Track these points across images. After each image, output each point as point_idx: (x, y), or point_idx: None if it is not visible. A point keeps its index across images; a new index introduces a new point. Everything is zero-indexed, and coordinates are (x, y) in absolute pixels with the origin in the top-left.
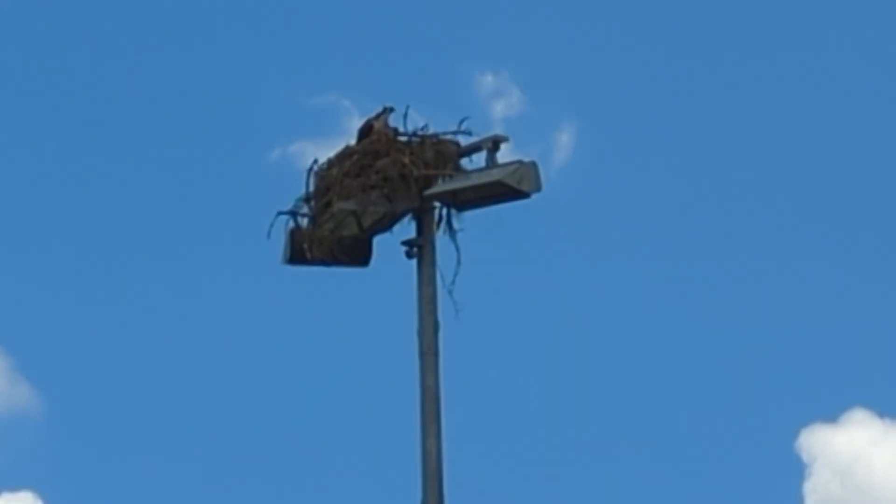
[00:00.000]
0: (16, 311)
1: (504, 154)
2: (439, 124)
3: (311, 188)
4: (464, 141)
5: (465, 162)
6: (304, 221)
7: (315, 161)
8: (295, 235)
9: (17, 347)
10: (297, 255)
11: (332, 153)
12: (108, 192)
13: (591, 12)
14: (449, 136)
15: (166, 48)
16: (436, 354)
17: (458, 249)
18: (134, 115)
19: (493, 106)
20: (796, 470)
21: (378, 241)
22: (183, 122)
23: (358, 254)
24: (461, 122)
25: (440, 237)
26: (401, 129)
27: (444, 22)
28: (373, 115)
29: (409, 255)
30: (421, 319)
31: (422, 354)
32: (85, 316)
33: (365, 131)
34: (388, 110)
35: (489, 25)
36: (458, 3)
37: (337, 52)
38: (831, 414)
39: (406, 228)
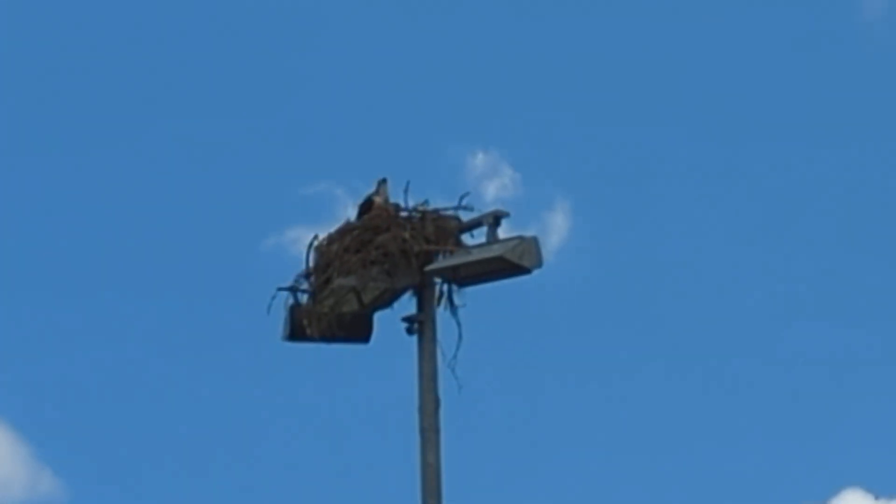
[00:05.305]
0: (39, 400)
1: (500, 232)
2: (433, 205)
3: (311, 264)
4: (464, 216)
5: (465, 237)
6: (304, 298)
7: (315, 236)
8: (295, 312)
9: (39, 435)
10: (297, 331)
11: (331, 229)
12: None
13: (579, 88)
14: (449, 212)
15: (160, 139)
16: (437, 431)
17: (459, 325)
18: (130, 208)
19: (486, 186)
20: None
21: (378, 317)
22: (176, 210)
23: (358, 330)
24: (461, 197)
25: (441, 313)
26: (401, 205)
27: (433, 105)
28: (372, 190)
29: (409, 331)
30: (421, 396)
31: (422, 431)
32: (102, 404)
33: (365, 207)
34: (382, 182)
35: (478, 106)
36: (445, 85)
37: (327, 140)
38: (822, 495)
39: (407, 304)
